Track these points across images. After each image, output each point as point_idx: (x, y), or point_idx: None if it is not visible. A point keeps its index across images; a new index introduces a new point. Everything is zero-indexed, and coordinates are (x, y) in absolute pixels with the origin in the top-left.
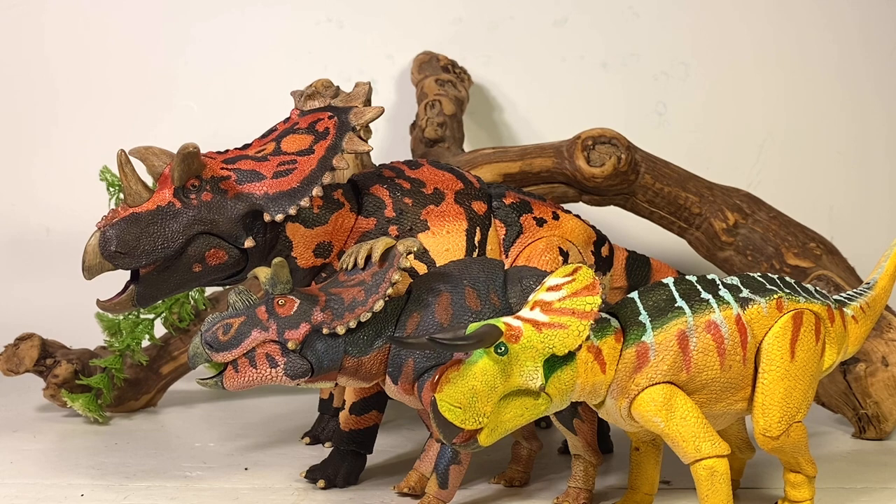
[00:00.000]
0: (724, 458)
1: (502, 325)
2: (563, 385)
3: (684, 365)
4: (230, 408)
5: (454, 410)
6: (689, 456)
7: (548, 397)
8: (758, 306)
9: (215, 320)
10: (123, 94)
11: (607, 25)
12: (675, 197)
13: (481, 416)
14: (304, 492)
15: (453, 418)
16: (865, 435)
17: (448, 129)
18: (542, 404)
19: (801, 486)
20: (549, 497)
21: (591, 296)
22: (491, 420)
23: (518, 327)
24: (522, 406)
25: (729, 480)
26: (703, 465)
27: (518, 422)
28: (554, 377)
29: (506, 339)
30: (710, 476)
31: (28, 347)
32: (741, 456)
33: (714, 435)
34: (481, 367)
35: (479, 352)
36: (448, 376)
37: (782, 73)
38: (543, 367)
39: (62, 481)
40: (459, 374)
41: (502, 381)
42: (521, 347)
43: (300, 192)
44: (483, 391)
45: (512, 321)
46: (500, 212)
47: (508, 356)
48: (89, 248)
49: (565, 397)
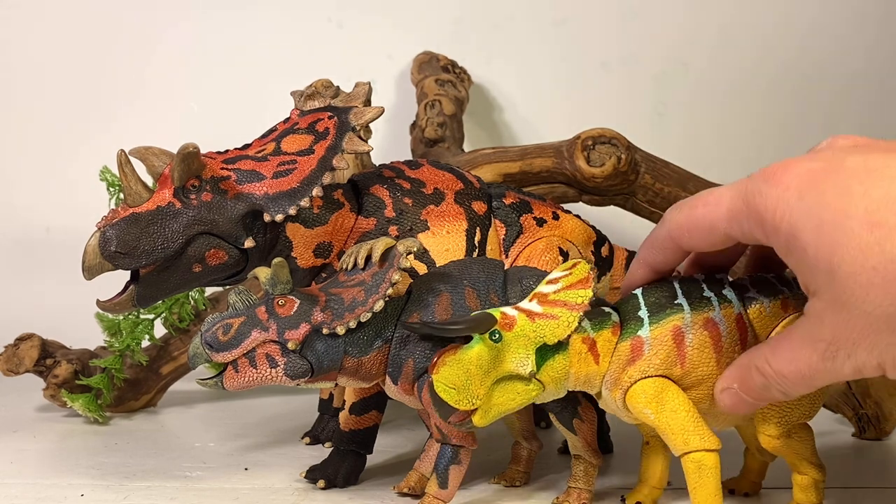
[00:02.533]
0: (714, 453)
1: (497, 314)
2: (555, 373)
3: (678, 360)
4: (230, 408)
5: (449, 391)
6: (678, 448)
7: (539, 384)
8: (760, 306)
9: (215, 320)
10: (123, 94)
11: (607, 25)
12: (675, 197)
13: (474, 398)
14: (304, 492)
15: (448, 398)
16: (865, 435)
17: (448, 129)
18: (533, 390)
19: (808, 489)
20: (549, 497)
21: (584, 289)
22: (484, 402)
23: (512, 316)
24: (514, 391)
25: (718, 475)
26: (692, 459)
27: (510, 405)
28: (546, 365)
29: (500, 326)
30: (698, 469)
31: (28, 347)
32: (761, 458)
33: (704, 429)
34: (476, 352)
35: (476, 338)
36: (445, 359)
37: (782, 73)
38: (536, 355)
39: (62, 481)
40: (456, 357)
41: (495, 366)
42: (514, 335)
43: (300, 193)
44: (477, 375)
45: (508, 310)
46: (500, 212)
47: (502, 343)
48: (89, 249)
49: (559, 385)
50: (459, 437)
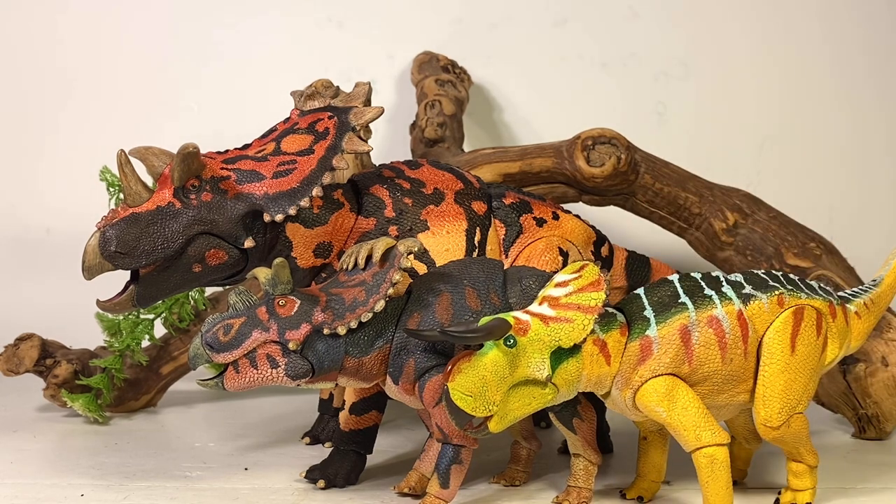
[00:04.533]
0: (724, 447)
1: (511, 319)
2: (569, 376)
3: (686, 358)
4: (230, 408)
5: (465, 399)
6: (690, 444)
7: (554, 387)
8: (759, 302)
9: (216, 321)
10: (123, 94)
11: (607, 25)
12: (674, 197)
13: (491, 405)
14: (304, 492)
15: (465, 406)
16: (865, 435)
17: (448, 129)
18: (548, 394)
19: (803, 475)
20: (549, 497)
21: (596, 291)
22: (500, 408)
23: (526, 321)
24: (530, 395)
25: (729, 468)
26: (704, 454)
27: (526, 410)
28: (560, 368)
29: (514, 332)
30: (711, 463)
31: (28, 347)
32: (748, 447)
33: (714, 424)
34: (491, 359)
35: (490, 344)
36: (460, 367)
37: (782, 73)
38: (550, 359)
39: (62, 481)
40: (471, 364)
41: (511, 371)
42: (528, 340)
43: (300, 193)
44: (493, 381)
45: (521, 315)
46: (499, 212)
47: (517, 348)
48: (89, 249)
49: (572, 387)
50: (460, 436)
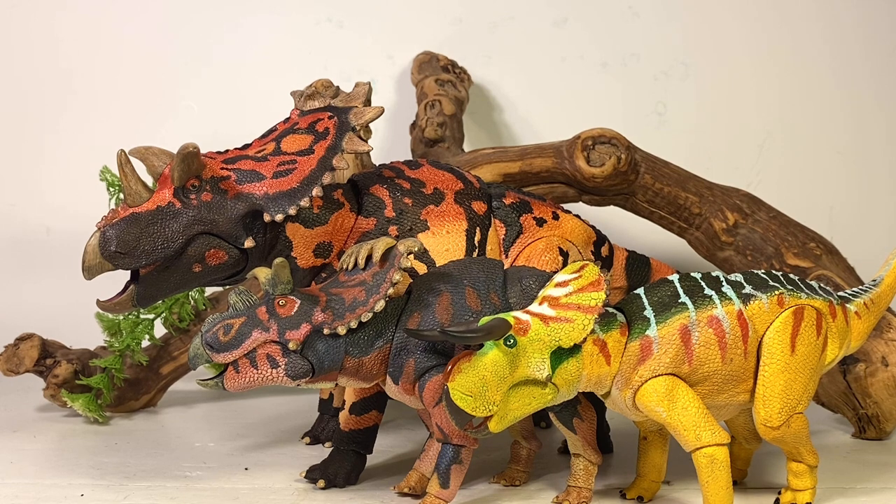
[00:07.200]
0: (724, 447)
1: (511, 319)
2: (569, 376)
3: (686, 358)
4: (230, 408)
5: (465, 399)
6: (690, 444)
7: (554, 387)
8: (759, 302)
9: (216, 321)
10: (123, 94)
11: (607, 25)
12: (674, 197)
13: (491, 405)
14: (304, 492)
15: (465, 406)
16: (865, 435)
17: (448, 129)
18: (549, 393)
19: (803, 475)
20: (549, 497)
21: (596, 291)
22: (500, 408)
23: (526, 321)
24: (530, 395)
25: (729, 468)
26: (704, 453)
27: (526, 410)
28: (560, 368)
29: (514, 332)
30: (711, 463)
31: (28, 347)
32: (748, 447)
33: (714, 424)
34: (491, 359)
35: (490, 344)
36: (460, 367)
37: (782, 73)
38: (550, 359)
39: (62, 481)
40: (471, 364)
41: (511, 371)
42: (528, 340)
43: (300, 193)
44: (493, 381)
45: (521, 315)
46: (499, 212)
47: (517, 348)
48: (89, 248)
49: (572, 387)
50: (461, 436)
